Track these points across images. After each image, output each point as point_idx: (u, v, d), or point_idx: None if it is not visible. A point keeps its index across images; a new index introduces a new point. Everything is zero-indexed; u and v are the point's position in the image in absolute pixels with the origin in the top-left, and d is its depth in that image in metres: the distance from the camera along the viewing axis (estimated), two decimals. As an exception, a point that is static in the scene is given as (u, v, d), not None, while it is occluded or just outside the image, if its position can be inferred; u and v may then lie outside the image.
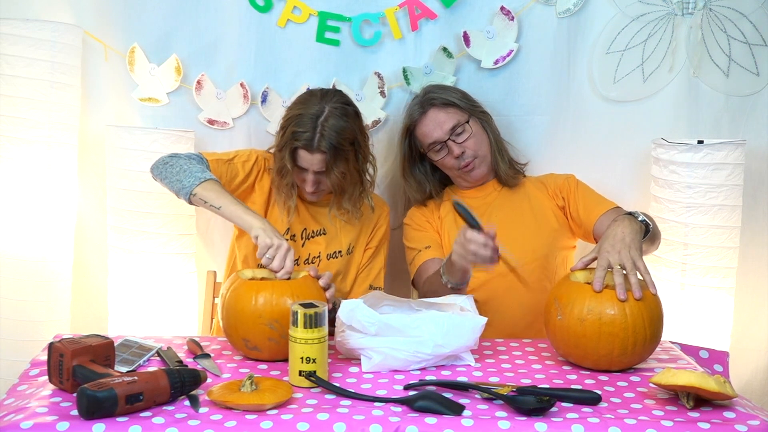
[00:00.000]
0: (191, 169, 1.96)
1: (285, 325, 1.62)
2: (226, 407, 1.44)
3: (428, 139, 2.23)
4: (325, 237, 2.16)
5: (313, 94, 2.06)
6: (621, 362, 1.67)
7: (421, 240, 2.24)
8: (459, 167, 2.22)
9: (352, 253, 2.18)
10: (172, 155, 2.04)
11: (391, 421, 1.41)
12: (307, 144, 1.98)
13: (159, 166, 2.02)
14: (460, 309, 1.80)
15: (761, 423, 1.42)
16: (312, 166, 2.01)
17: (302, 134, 1.98)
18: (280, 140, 2.04)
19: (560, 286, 1.77)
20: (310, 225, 2.16)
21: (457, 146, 2.20)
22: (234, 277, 1.81)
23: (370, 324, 1.66)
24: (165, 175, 1.99)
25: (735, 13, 2.40)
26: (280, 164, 2.05)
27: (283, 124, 2.04)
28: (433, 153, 2.24)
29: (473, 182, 2.28)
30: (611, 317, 1.65)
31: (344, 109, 2.03)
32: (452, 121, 2.22)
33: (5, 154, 2.30)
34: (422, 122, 2.24)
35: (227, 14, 2.42)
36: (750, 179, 2.40)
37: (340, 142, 1.99)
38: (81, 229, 2.48)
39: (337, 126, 1.99)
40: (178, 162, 1.99)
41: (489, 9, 2.42)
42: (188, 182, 1.94)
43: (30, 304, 2.33)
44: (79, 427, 1.36)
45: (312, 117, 1.99)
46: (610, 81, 2.46)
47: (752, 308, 2.50)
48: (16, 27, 2.26)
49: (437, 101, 2.24)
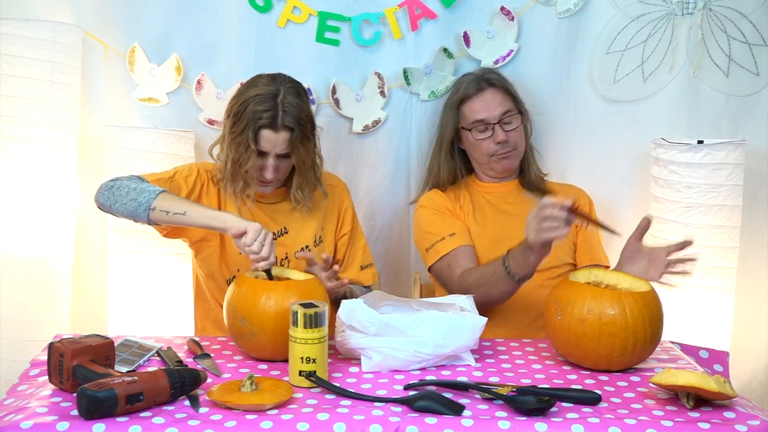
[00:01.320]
0: (140, 186, 1.87)
1: (254, 323, 1.65)
2: (226, 407, 1.44)
3: (476, 116, 2.21)
4: (288, 236, 2.09)
5: (261, 77, 2.00)
6: (621, 362, 1.67)
7: (443, 225, 2.19)
8: (496, 153, 2.22)
9: (321, 243, 2.12)
10: (113, 180, 1.94)
11: (391, 421, 1.41)
12: (271, 122, 1.92)
13: (104, 192, 1.92)
14: (460, 309, 1.80)
15: (761, 423, 1.42)
16: (275, 147, 1.94)
17: (264, 113, 1.91)
18: (236, 126, 1.94)
19: (560, 287, 1.76)
20: (270, 227, 2.06)
21: (503, 133, 2.20)
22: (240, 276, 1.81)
23: (371, 324, 1.66)
24: (115, 200, 1.88)
25: (735, 13, 2.40)
26: (236, 153, 1.95)
27: (237, 110, 1.95)
28: (476, 131, 2.21)
29: (500, 173, 2.27)
30: (611, 317, 1.64)
31: (297, 88, 1.99)
32: (505, 106, 2.22)
33: (5, 154, 2.30)
34: (476, 98, 2.22)
35: (227, 14, 2.42)
36: (750, 179, 2.40)
37: (302, 119, 1.95)
38: (81, 229, 2.48)
39: (296, 102, 1.94)
40: (123, 183, 1.90)
41: (489, 9, 2.42)
42: (144, 198, 1.84)
43: (30, 304, 2.33)
44: (79, 427, 1.36)
45: (270, 96, 1.93)
46: (610, 81, 2.46)
47: (752, 308, 2.50)
48: (16, 27, 2.26)
49: (496, 83, 2.24)
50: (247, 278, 1.77)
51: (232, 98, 2.02)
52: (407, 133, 2.49)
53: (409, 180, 2.52)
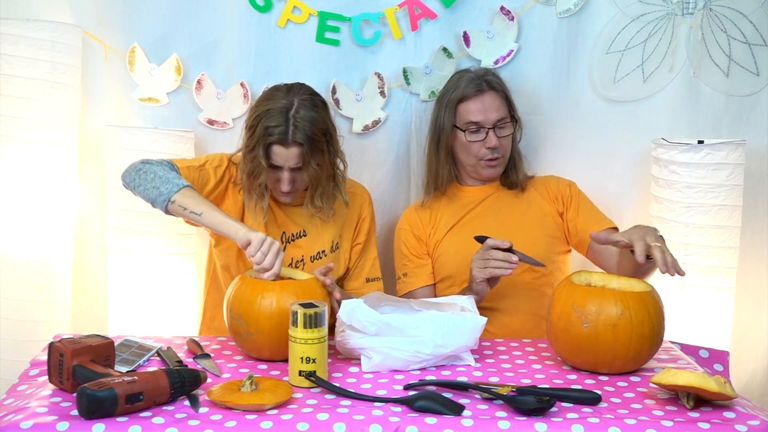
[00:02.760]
0: (167, 176, 1.89)
1: (250, 323, 1.67)
2: (226, 407, 1.44)
3: (471, 117, 2.19)
4: (306, 239, 2.09)
5: (278, 89, 2.00)
6: (640, 362, 1.68)
7: (401, 263, 2.26)
8: (485, 158, 2.21)
9: (337, 249, 2.12)
10: (143, 161, 1.96)
11: (391, 421, 1.41)
12: (281, 138, 1.91)
13: (131, 173, 1.94)
14: (461, 309, 1.80)
15: (761, 423, 1.42)
16: (288, 162, 1.94)
17: (275, 128, 1.91)
18: (250, 140, 1.95)
19: (575, 293, 1.69)
20: (289, 228, 2.09)
21: (496, 139, 2.19)
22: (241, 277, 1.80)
23: (371, 324, 1.66)
24: (139, 182, 1.91)
25: (735, 13, 2.40)
26: (251, 166, 1.96)
27: (251, 123, 1.96)
28: (468, 132, 2.20)
29: (484, 178, 2.27)
30: (641, 319, 1.63)
31: (313, 100, 1.97)
32: (502, 112, 2.21)
33: (5, 154, 2.30)
34: (475, 99, 2.20)
35: (227, 14, 2.42)
36: (750, 179, 2.40)
37: (315, 133, 1.93)
38: (81, 229, 2.48)
39: (308, 116, 1.92)
40: (151, 168, 1.92)
41: (489, 9, 2.42)
42: (165, 189, 1.86)
43: (30, 304, 2.33)
44: (79, 427, 1.36)
45: (282, 110, 1.92)
46: (610, 81, 2.46)
47: (752, 308, 2.50)
48: (16, 27, 2.25)
49: (497, 87, 2.23)
50: (246, 278, 1.77)
51: (250, 109, 2.02)
52: (407, 133, 2.49)
53: (409, 180, 2.52)
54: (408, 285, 2.23)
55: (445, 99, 2.25)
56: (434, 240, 2.24)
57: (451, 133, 2.23)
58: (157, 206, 1.90)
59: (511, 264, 1.91)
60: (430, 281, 2.23)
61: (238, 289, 1.74)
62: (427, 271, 2.23)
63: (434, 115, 2.29)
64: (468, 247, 2.03)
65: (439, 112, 2.26)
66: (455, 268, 2.17)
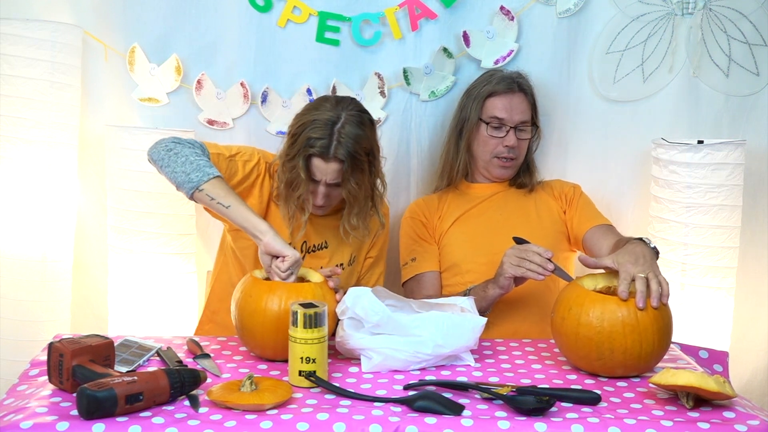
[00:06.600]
0: (198, 162, 1.83)
1: (255, 322, 1.69)
2: (226, 407, 1.44)
3: (497, 113, 2.22)
4: (327, 251, 2.07)
5: (327, 100, 1.95)
6: (647, 368, 1.68)
7: (409, 249, 2.24)
8: (500, 156, 2.23)
9: (354, 263, 2.12)
10: (175, 141, 1.88)
11: (390, 421, 1.41)
12: (323, 151, 1.86)
13: (160, 151, 1.86)
14: (461, 309, 1.79)
15: (761, 423, 1.42)
16: (326, 176, 1.89)
17: (318, 141, 1.86)
18: (291, 149, 1.91)
19: (584, 299, 1.68)
20: (312, 238, 2.05)
21: (515, 139, 2.22)
22: (248, 277, 1.80)
23: (374, 313, 1.65)
24: (167, 163, 1.84)
25: (735, 13, 2.40)
26: (290, 176, 1.91)
27: (295, 131, 1.91)
28: (490, 127, 2.23)
29: (495, 178, 2.29)
30: (666, 322, 1.66)
31: (360, 117, 1.92)
32: (526, 115, 2.25)
33: (5, 154, 2.30)
34: (503, 97, 2.24)
35: (227, 14, 2.42)
36: (750, 179, 2.40)
37: (357, 151, 1.88)
38: (81, 229, 2.48)
39: (354, 134, 1.87)
40: (183, 151, 1.85)
41: (489, 9, 2.42)
42: (196, 177, 1.80)
43: (30, 304, 2.33)
44: (79, 427, 1.36)
45: (328, 123, 1.87)
46: (610, 81, 2.46)
47: (752, 308, 2.50)
48: (16, 27, 2.26)
49: (527, 91, 2.27)
50: (253, 277, 1.77)
51: (296, 116, 1.97)
52: (407, 133, 2.49)
53: (409, 180, 2.51)
54: (416, 269, 2.22)
55: (475, 91, 2.28)
56: (440, 230, 2.26)
57: (474, 125, 2.25)
58: (182, 190, 1.84)
59: (546, 271, 1.86)
60: (437, 267, 2.23)
61: (244, 288, 1.74)
62: (434, 257, 2.23)
63: (460, 105, 2.32)
64: (474, 237, 2.04)
65: (465, 103, 2.29)
66: (461, 257, 2.19)
